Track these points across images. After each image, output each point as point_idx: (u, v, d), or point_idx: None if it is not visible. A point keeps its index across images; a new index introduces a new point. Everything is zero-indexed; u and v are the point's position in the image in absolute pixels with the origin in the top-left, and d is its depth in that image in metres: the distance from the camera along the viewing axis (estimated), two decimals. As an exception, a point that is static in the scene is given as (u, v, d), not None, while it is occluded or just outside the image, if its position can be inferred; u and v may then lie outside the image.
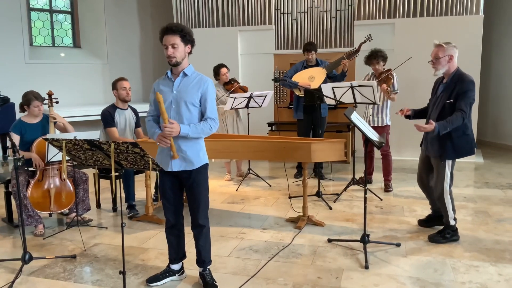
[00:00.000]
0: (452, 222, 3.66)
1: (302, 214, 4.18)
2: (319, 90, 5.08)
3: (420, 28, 6.75)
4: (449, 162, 3.58)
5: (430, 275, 3.07)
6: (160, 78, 2.90)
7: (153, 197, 4.61)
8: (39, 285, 3.04)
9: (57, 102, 4.20)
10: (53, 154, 3.88)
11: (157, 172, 2.91)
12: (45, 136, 3.90)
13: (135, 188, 4.61)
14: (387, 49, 5.41)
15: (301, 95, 5.65)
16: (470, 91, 3.41)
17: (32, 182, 3.99)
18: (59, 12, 8.31)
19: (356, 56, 5.64)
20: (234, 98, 5.33)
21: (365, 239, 3.41)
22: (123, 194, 4.50)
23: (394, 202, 4.82)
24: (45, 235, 3.96)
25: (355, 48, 5.51)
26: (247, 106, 5.58)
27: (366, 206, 3.46)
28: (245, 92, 5.68)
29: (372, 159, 5.38)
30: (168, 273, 3.05)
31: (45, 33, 8.15)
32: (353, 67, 7.10)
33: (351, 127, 6.60)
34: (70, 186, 4.16)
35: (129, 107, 4.68)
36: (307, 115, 5.70)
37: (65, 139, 2.68)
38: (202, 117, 2.81)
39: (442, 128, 3.37)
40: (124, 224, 2.70)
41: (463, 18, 6.66)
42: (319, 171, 5.36)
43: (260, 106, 5.68)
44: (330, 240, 3.70)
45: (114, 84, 4.56)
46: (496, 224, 4.09)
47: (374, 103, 4.75)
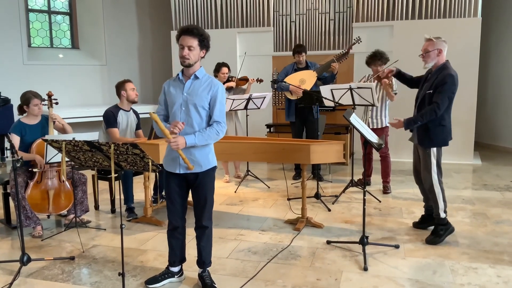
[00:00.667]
0: (442, 214, 3.68)
1: (301, 215, 4.18)
2: (318, 91, 5.09)
3: (418, 30, 6.76)
4: (433, 151, 3.64)
5: (429, 277, 3.08)
6: (171, 79, 2.90)
7: (151, 198, 4.61)
8: (38, 287, 3.03)
9: (56, 103, 4.19)
10: (52, 155, 3.88)
11: (156, 173, 2.91)
12: (44, 137, 3.90)
13: (133, 189, 4.60)
14: (385, 51, 5.42)
15: (293, 98, 5.68)
16: (447, 84, 3.50)
17: (30, 183, 3.98)
18: (58, 13, 8.30)
19: (346, 58, 5.65)
20: (233, 100, 5.34)
21: (364, 241, 3.42)
22: (122, 195, 4.49)
23: (392, 204, 4.83)
24: (43, 237, 3.95)
25: (344, 50, 5.53)
26: (246, 108, 5.58)
27: (365, 208, 3.46)
28: (246, 81, 5.72)
29: (370, 161, 5.39)
30: (167, 274, 3.04)
31: (43, 34, 8.14)
32: (352, 68, 7.12)
33: (349, 128, 6.62)
34: (68, 188, 4.15)
35: (131, 109, 4.68)
36: (299, 118, 5.73)
37: (65, 140, 2.68)
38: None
39: (412, 123, 3.63)
40: (123, 226, 2.70)
41: (461, 21, 6.69)
42: (317, 172, 5.37)
43: (259, 108, 5.69)
44: (329, 242, 3.70)
45: (122, 85, 4.54)
46: (494, 226, 4.10)
47: (372, 105, 4.76)
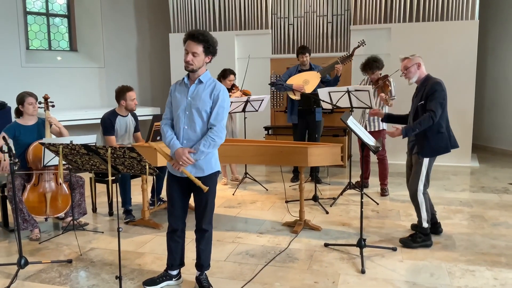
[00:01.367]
0: (425, 224, 3.67)
1: (298, 218, 4.18)
2: (315, 94, 5.10)
3: (416, 33, 6.79)
4: (426, 161, 3.64)
5: (426, 279, 3.08)
6: (177, 82, 2.89)
7: (149, 201, 4.60)
8: (35, 290, 3.03)
9: (53, 106, 4.18)
10: (50, 158, 3.87)
11: (154, 176, 2.91)
12: (42, 141, 3.90)
13: (131, 192, 4.60)
14: (383, 54, 5.45)
15: (296, 98, 5.66)
16: (437, 91, 3.54)
17: (28, 186, 3.97)
18: (56, 15, 8.30)
19: (350, 61, 5.66)
20: (231, 103, 5.34)
21: (361, 244, 3.42)
22: (120, 198, 4.49)
23: (390, 206, 4.84)
24: (40, 240, 3.94)
25: (348, 52, 5.54)
26: (243, 110, 5.59)
27: (363, 211, 3.47)
28: (249, 95, 5.71)
29: (368, 163, 5.39)
30: (165, 277, 3.04)
31: (41, 36, 8.14)
32: (349, 71, 7.13)
33: (347, 131, 6.63)
34: (66, 190, 4.14)
35: (129, 113, 4.68)
36: (302, 119, 5.71)
37: (62, 144, 2.68)
38: None
39: (410, 131, 3.62)
40: (120, 229, 2.70)
41: (458, 23, 6.71)
42: (315, 175, 5.37)
43: (256, 110, 5.69)
44: (326, 245, 3.70)
45: (123, 94, 4.49)
46: (492, 228, 4.10)
47: (370, 108, 4.78)
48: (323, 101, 4.88)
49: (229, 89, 5.74)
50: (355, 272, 3.21)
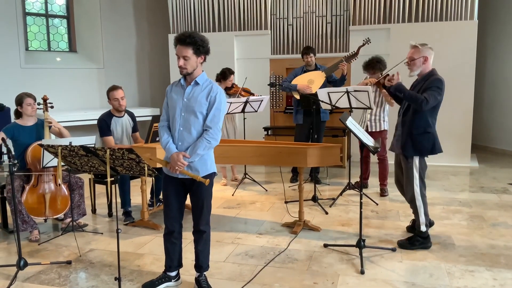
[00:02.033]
0: (423, 228, 3.61)
1: (298, 219, 4.18)
2: (315, 95, 5.10)
3: (415, 33, 6.78)
4: (415, 163, 3.55)
5: (426, 280, 3.08)
6: (173, 83, 2.89)
7: (148, 202, 4.60)
8: (34, 291, 3.03)
9: (52, 107, 4.17)
10: (49, 160, 3.87)
11: (153, 177, 2.91)
12: (40, 142, 3.89)
13: (130, 193, 4.60)
14: (382, 54, 5.44)
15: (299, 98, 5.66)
16: (435, 87, 3.42)
17: (27, 187, 3.97)
18: (55, 16, 8.30)
19: (355, 59, 5.64)
20: (230, 103, 5.34)
21: (361, 244, 3.42)
22: (119, 199, 4.48)
23: (389, 206, 4.84)
24: (40, 241, 3.94)
25: (354, 51, 5.52)
26: (243, 111, 5.59)
27: (362, 211, 3.47)
28: (250, 93, 5.74)
29: (368, 164, 5.39)
30: (164, 279, 3.04)
31: (40, 37, 8.14)
32: (349, 71, 7.11)
33: (346, 131, 6.62)
34: (65, 191, 4.14)
35: (125, 113, 4.67)
36: (307, 119, 5.69)
37: (61, 145, 2.68)
38: None
39: (401, 89, 3.49)
40: (119, 230, 2.70)
41: (457, 24, 6.71)
42: (315, 175, 5.37)
43: (256, 111, 5.69)
44: (326, 245, 3.70)
45: (107, 94, 4.51)
46: (491, 228, 4.10)
47: (369, 108, 4.78)
48: (323, 101, 4.88)
49: (229, 88, 5.76)
50: (354, 272, 3.21)
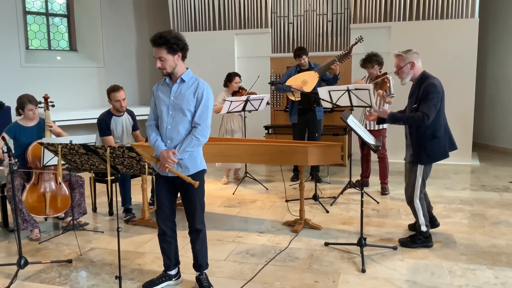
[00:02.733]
0: (424, 228, 3.61)
1: (299, 217, 4.17)
2: (316, 93, 5.09)
3: (416, 31, 6.77)
4: (421, 168, 3.54)
5: (427, 278, 3.07)
6: (160, 82, 2.88)
7: (149, 201, 4.60)
8: (35, 290, 3.03)
9: (53, 106, 4.17)
10: (49, 158, 3.87)
11: (153, 176, 2.90)
12: (41, 141, 3.89)
13: (131, 192, 4.59)
14: (383, 53, 5.42)
15: (295, 99, 5.67)
16: (431, 93, 3.38)
17: (27, 186, 3.97)
18: (55, 15, 8.28)
19: (348, 58, 5.64)
20: (231, 102, 5.33)
21: (362, 243, 3.41)
22: (120, 198, 4.48)
23: (390, 205, 4.83)
24: (40, 240, 3.94)
25: (346, 50, 5.52)
26: (243, 110, 5.58)
27: (363, 210, 3.46)
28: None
29: (368, 162, 5.39)
30: (164, 277, 3.03)
31: (41, 36, 8.13)
32: (349, 69, 7.12)
33: (347, 130, 6.62)
34: (65, 190, 4.14)
35: (125, 112, 4.66)
36: (302, 119, 5.72)
37: (61, 144, 2.67)
38: None
39: (396, 119, 3.51)
40: (120, 229, 2.69)
41: (458, 22, 6.69)
42: (315, 174, 5.36)
43: (256, 110, 5.68)
44: (327, 244, 3.69)
45: (108, 94, 4.50)
46: (492, 227, 4.09)
47: (370, 106, 4.76)
48: (323, 99, 4.87)
49: (236, 91, 5.77)
50: (355, 271, 3.20)
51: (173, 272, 3.06)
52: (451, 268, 3.23)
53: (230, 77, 5.76)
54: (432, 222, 3.94)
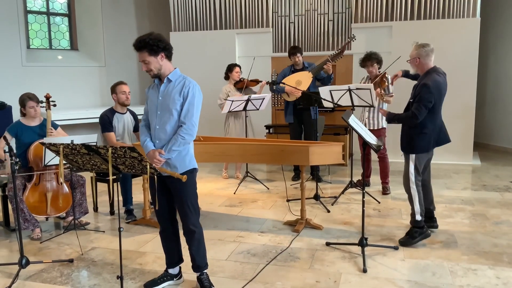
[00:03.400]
0: (418, 217, 3.67)
1: (300, 217, 4.17)
2: (317, 93, 5.09)
3: (417, 31, 6.76)
4: (412, 156, 3.67)
5: (428, 278, 3.07)
6: (151, 84, 2.92)
7: (150, 200, 4.60)
8: (36, 289, 3.03)
9: (54, 105, 4.18)
10: (50, 158, 3.87)
11: (155, 175, 2.89)
12: (42, 140, 3.89)
13: (132, 191, 4.59)
14: (384, 52, 5.42)
15: (289, 99, 5.68)
16: (421, 94, 3.52)
17: (28, 186, 3.97)
18: (56, 14, 8.29)
19: (341, 57, 5.63)
20: (232, 101, 5.33)
21: (363, 243, 3.41)
22: (121, 197, 4.48)
23: (392, 205, 4.82)
24: (42, 239, 3.94)
25: (338, 49, 5.52)
26: (244, 109, 5.58)
27: (364, 209, 3.46)
28: (257, 83, 5.82)
29: (369, 162, 5.39)
30: (166, 277, 3.04)
31: (42, 35, 8.13)
32: (350, 70, 7.12)
33: (348, 129, 6.61)
34: (67, 190, 4.14)
35: (128, 111, 4.67)
36: (297, 119, 5.74)
37: (62, 144, 2.67)
38: None
39: (391, 118, 3.76)
40: (122, 229, 2.69)
41: (460, 21, 6.68)
42: (317, 174, 5.36)
43: (257, 109, 5.68)
44: (328, 244, 3.69)
45: (114, 87, 4.55)
46: (493, 227, 4.09)
47: (371, 106, 4.76)
48: (325, 99, 4.87)
49: (238, 81, 5.85)
50: (356, 271, 3.20)
51: (174, 272, 3.06)
52: (452, 268, 3.23)
53: (231, 68, 5.87)
54: (431, 222, 3.94)
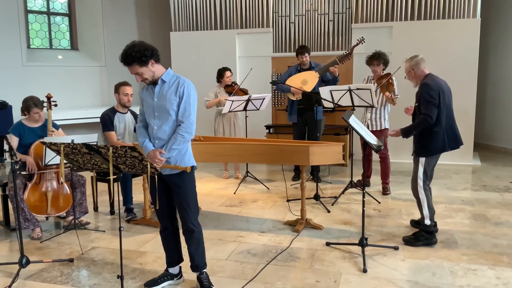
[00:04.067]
0: (427, 221, 3.66)
1: (300, 217, 4.17)
2: (317, 93, 5.09)
3: (417, 31, 6.77)
4: (422, 160, 3.65)
5: (428, 278, 3.07)
6: (145, 86, 2.91)
7: (150, 200, 4.60)
8: (36, 289, 3.03)
9: (55, 105, 4.19)
10: (51, 158, 3.87)
11: (155, 175, 2.89)
12: (43, 140, 3.90)
13: (133, 191, 4.59)
14: (384, 52, 5.41)
15: (294, 99, 5.67)
16: (425, 93, 3.55)
17: (29, 185, 3.97)
18: (57, 14, 8.29)
19: (349, 59, 5.63)
20: (232, 101, 5.34)
21: (363, 243, 3.41)
22: (121, 197, 4.49)
23: (392, 205, 4.83)
24: (42, 239, 3.94)
25: (347, 51, 5.51)
26: (245, 109, 5.58)
27: (364, 209, 3.46)
28: (245, 94, 5.75)
29: (370, 162, 5.39)
30: (166, 277, 3.04)
31: (42, 35, 8.13)
32: (351, 70, 7.12)
33: (349, 130, 6.61)
34: (67, 189, 4.14)
35: (128, 111, 4.68)
36: (301, 118, 5.72)
37: (63, 143, 2.67)
38: None
39: (406, 132, 3.67)
40: (122, 228, 2.69)
41: (460, 22, 6.69)
42: (317, 174, 5.36)
43: (258, 109, 5.69)
44: (328, 244, 3.69)
45: (117, 88, 4.56)
46: (494, 227, 4.09)
47: (372, 106, 4.76)
48: (325, 99, 4.87)
49: (229, 85, 5.89)
50: (357, 271, 3.20)
51: (174, 272, 3.06)
52: (452, 268, 3.23)
53: (221, 72, 5.94)
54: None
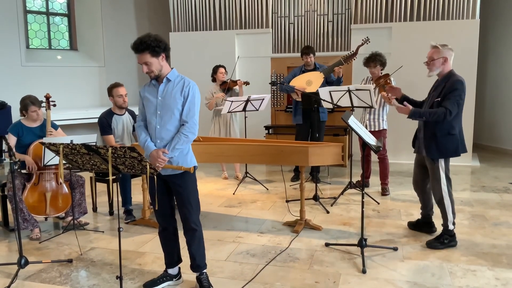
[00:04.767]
0: (450, 226, 3.63)
1: (299, 218, 4.17)
2: (317, 93, 5.09)
3: (417, 32, 6.77)
4: (441, 164, 3.58)
5: (428, 279, 3.07)
6: (146, 84, 2.90)
7: (150, 200, 4.59)
8: (35, 289, 3.03)
9: (54, 105, 4.19)
10: (50, 158, 3.87)
11: (154, 176, 2.89)
12: (42, 140, 3.89)
13: (132, 191, 4.59)
14: (384, 53, 5.42)
15: (299, 99, 5.65)
16: (457, 90, 3.42)
17: (28, 185, 3.97)
18: (56, 14, 8.29)
19: (354, 59, 5.63)
20: (232, 102, 5.33)
21: (362, 243, 3.41)
22: (120, 197, 4.48)
23: (391, 205, 4.83)
24: (41, 239, 3.94)
25: (352, 51, 5.50)
26: (244, 110, 5.58)
27: (363, 210, 3.46)
28: (236, 84, 5.85)
29: (369, 163, 5.39)
30: (165, 277, 3.04)
31: (41, 35, 8.13)
32: (350, 70, 7.11)
33: (348, 130, 6.61)
34: (66, 190, 4.14)
35: (126, 111, 4.67)
36: (306, 120, 5.69)
37: (62, 144, 2.67)
38: None
39: (417, 114, 3.51)
40: (121, 229, 2.69)
41: (459, 22, 6.70)
42: (316, 174, 5.36)
43: (257, 110, 5.68)
44: (327, 244, 3.69)
45: (110, 90, 4.53)
46: (493, 228, 4.10)
47: (371, 107, 4.77)
48: (324, 100, 4.87)
49: (223, 82, 5.90)
50: (356, 272, 3.20)
51: (173, 272, 3.06)
52: (451, 269, 3.23)
53: (215, 69, 5.92)
54: (430, 227, 3.94)
